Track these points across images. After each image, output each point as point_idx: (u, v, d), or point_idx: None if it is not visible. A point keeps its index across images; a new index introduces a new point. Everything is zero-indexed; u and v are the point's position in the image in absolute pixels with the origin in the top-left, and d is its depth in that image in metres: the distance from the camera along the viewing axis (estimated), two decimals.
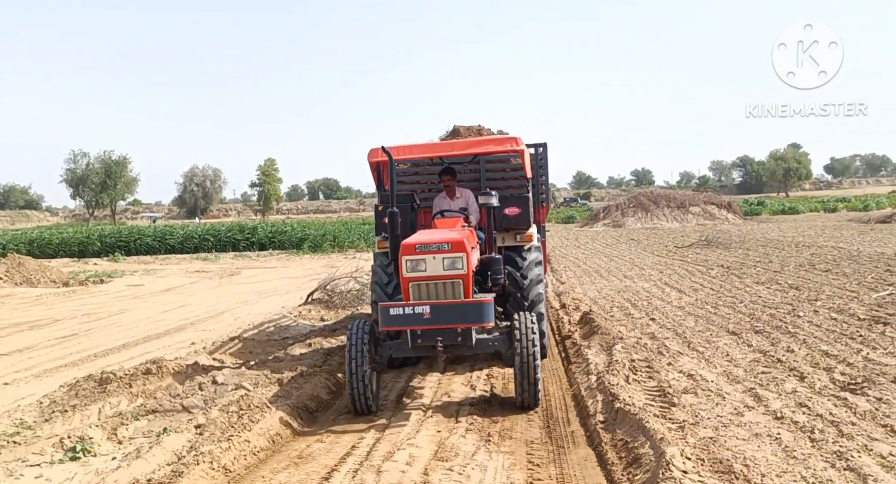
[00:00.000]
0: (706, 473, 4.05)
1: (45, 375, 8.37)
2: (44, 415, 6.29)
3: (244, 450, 4.91)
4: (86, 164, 80.00)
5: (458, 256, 6.04)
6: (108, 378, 6.76)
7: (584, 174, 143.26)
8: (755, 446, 4.56)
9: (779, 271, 14.67)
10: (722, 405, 5.52)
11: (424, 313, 5.87)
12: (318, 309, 12.77)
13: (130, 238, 29.15)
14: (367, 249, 28.77)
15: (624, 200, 43.78)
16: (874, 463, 4.23)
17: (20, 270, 19.88)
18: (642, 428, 4.73)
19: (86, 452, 5.29)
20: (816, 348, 7.30)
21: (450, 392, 6.77)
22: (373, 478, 4.48)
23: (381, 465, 4.68)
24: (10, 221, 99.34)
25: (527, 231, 7.70)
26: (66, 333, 11.56)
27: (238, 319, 12.50)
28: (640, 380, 6.25)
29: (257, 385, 6.60)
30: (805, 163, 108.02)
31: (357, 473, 4.58)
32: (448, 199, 7.87)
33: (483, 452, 4.93)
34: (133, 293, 17.59)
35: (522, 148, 7.56)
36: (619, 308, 10.85)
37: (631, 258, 20.24)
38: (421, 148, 7.90)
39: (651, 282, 14.19)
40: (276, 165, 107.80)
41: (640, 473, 4.19)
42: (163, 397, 6.38)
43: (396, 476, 4.45)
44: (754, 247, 21.64)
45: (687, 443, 4.49)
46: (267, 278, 20.55)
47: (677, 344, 7.89)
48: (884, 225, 30.68)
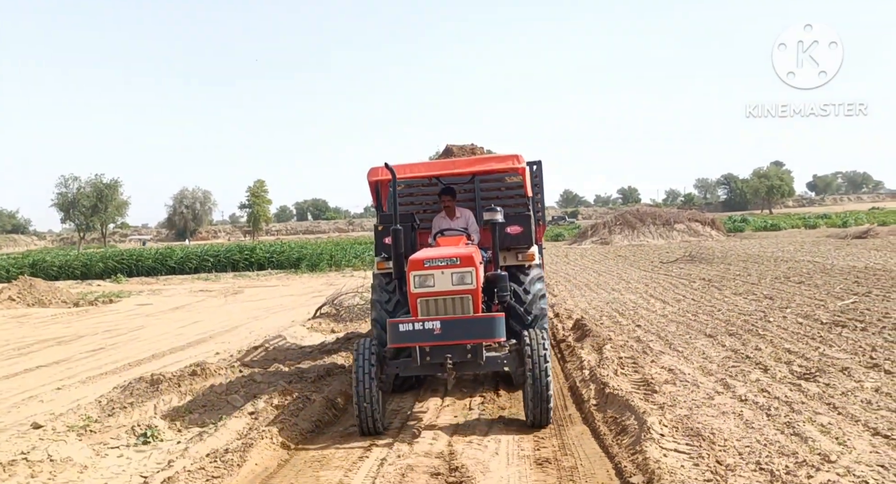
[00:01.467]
0: (679, 437, 5.02)
1: (90, 381, 9.22)
2: (105, 411, 7.14)
3: (294, 431, 5.83)
4: (77, 187, 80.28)
5: (468, 270, 6.02)
6: (159, 379, 7.64)
7: (571, 192, 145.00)
8: (721, 421, 5.53)
9: (756, 283, 15.72)
10: (696, 392, 6.49)
11: (435, 329, 5.81)
12: (327, 322, 13.65)
13: (132, 260, 29.99)
14: (363, 268, 29.62)
15: (611, 218, 45.01)
16: (815, 430, 5.20)
17: (31, 291, 20.62)
18: (628, 406, 5.70)
19: (154, 437, 6.18)
20: (781, 347, 8.31)
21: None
22: (407, 449, 5.41)
23: (411, 440, 5.62)
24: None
25: (528, 250, 7.53)
26: (94, 347, 12.38)
27: (252, 332, 13.35)
28: (626, 373, 7.22)
29: (291, 382, 7.51)
30: (788, 180, 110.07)
31: (393, 444, 5.52)
32: (448, 219, 7.83)
33: (495, 430, 5.87)
34: (144, 312, 18.37)
35: (524, 165, 7.47)
36: (608, 317, 11.83)
37: (618, 273, 21.27)
38: (422, 166, 7.83)
39: (637, 294, 15.20)
40: (265, 187, 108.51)
41: (627, 438, 5.15)
42: (210, 394, 7.27)
43: (426, 447, 5.39)
44: (735, 262, 22.73)
45: (665, 417, 5.46)
46: (270, 296, 21.38)
47: (660, 345, 8.88)
48: (859, 240, 31.92)
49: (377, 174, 7.39)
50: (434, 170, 7.69)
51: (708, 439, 4.95)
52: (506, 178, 8.94)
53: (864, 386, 6.33)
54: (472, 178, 8.58)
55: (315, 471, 5.21)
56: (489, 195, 8.98)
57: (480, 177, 8.54)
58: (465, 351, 5.91)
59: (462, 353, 5.90)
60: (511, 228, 7.38)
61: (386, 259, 7.35)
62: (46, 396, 8.37)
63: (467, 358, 5.93)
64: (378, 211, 8.22)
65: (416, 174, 7.67)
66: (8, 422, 7.23)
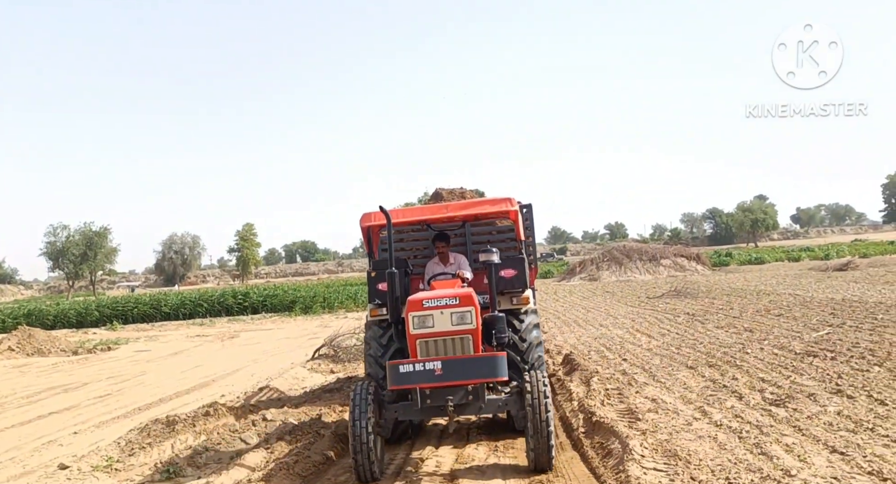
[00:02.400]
0: (658, 457, 5.58)
1: (104, 425, 9.65)
2: (125, 451, 7.59)
3: (308, 463, 6.33)
4: (66, 236, 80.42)
5: (467, 310, 6.01)
6: (174, 420, 8.11)
7: (559, 229, 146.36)
8: (697, 443, 6.08)
9: (738, 317, 16.37)
10: (676, 419, 7.05)
11: (436, 369, 5.71)
12: (326, 363, 14.12)
13: (127, 307, 30.37)
14: (356, 308, 30.16)
15: (598, 255, 45.89)
16: (780, 449, 5.78)
17: (30, 341, 20.95)
18: (614, 432, 6.26)
19: (177, 473, 6.66)
20: (755, 376, 8.91)
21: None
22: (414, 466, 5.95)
23: (418, 462, 6.15)
24: None
25: (523, 293, 7.39)
26: (101, 393, 12.78)
27: (254, 375, 13.79)
28: (612, 403, 7.78)
29: (300, 419, 8.00)
30: (771, 214, 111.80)
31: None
32: (441, 264, 7.82)
33: (493, 457, 6.41)
34: (143, 358, 18.73)
35: (516, 208, 7.44)
36: (596, 351, 12.41)
37: (606, 309, 21.90)
38: (415, 211, 7.80)
39: (624, 329, 15.80)
40: (253, 230, 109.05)
41: (611, 460, 5.71)
42: (224, 433, 7.76)
43: (432, 467, 5.92)
44: (719, 296, 23.44)
45: (646, 441, 6.03)
46: (266, 339, 21.80)
47: (644, 377, 9.45)
48: (840, 272, 32.80)
49: (370, 219, 7.31)
50: (427, 214, 7.64)
51: (684, 459, 5.51)
52: (496, 223, 9.01)
53: (827, 410, 6.93)
54: (463, 224, 8.61)
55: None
56: (480, 240, 9.04)
57: (471, 222, 8.53)
58: (466, 393, 5.86)
59: (463, 395, 5.85)
60: (505, 272, 7.17)
61: (379, 306, 7.16)
62: (65, 440, 8.80)
63: (468, 400, 5.89)
64: (370, 257, 8.06)
65: (409, 219, 7.62)
66: (33, 464, 7.67)
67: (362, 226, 7.52)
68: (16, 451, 8.41)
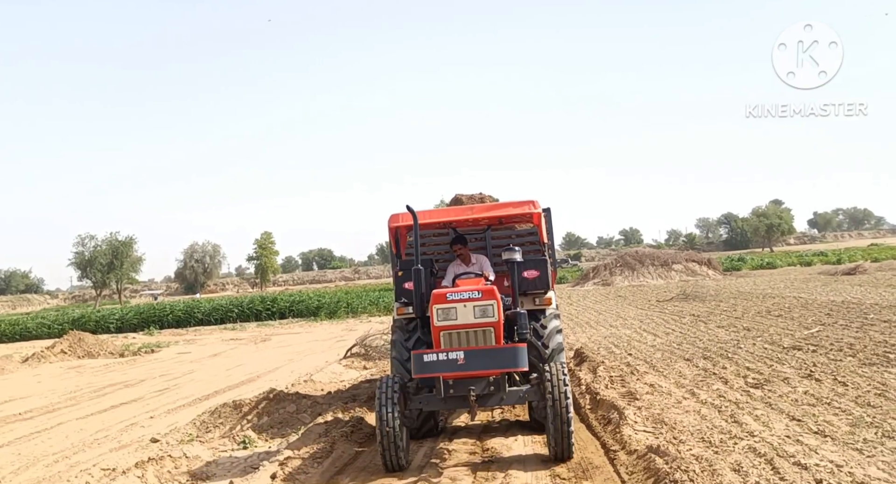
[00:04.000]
0: (649, 424, 6.89)
1: (173, 412, 11.07)
2: (201, 429, 8.99)
3: (361, 434, 7.71)
4: (94, 246, 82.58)
5: (489, 303, 6.27)
6: (240, 403, 9.51)
7: (573, 235, 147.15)
8: (683, 415, 7.37)
9: (739, 317, 17.54)
10: (668, 399, 8.33)
11: (458, 359, 5.97)
12: (359, 361, 15.49)
13: (164, 313, 32.16)
14: (378, 313, 31.57)
15: (612, 260, 47.08)
16: (750, 419, 7.05)
17: (80, 344, 22.52)
18: (614, 407, 7.58)
19: (250, 444, 8.05)
20: (743, 366, 10.16)
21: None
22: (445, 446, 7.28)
23: (448, 442, 7.49)
24: (12, 306, 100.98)
25: (545, 294, 7.62)
26: (159, 388, 14.23)
27: (293, 372, 15.17)
28: (615, 387, 9.08)
29: (346, 403, 9.40)
30: (787, 219, 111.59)
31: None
32: (463, 265, 8.01)
33: (517, 447, 7.75)
34: (187, 359, 20.21)
35: (540, 211, 7.65)
36: (605, 348, 13.69)
37: (617, 312, 23.11)
38: (441, 212, 8.12)
39: (632, 329, 17.04)
40: (272, 238, 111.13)
41: (611, 426, 7.02)
42: (284, 413, 9.15)
43: (455, 457, 7.22)
44: (726, 299, 24.52)
45: (640, 413, 7.33)
46: (297, 342, 23.22)
47: (645, 367, 10.73)
48: (847, 277, 33.71)
49: (398, 220, 7.61)
50: (453, 215, 7.96)
51: (669, 425, 6.81)
52: (516, 227, 9.22)
53: (796, 390, 8.19)
54: (486, 228, 8.85)
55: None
56: (500, 243, 9.16)
57: (493, 225, 8.76)
58: (487, 383, 6.12)
59: (485, 385, 6.10)
60: (527, 273, 7.41)
61: (406, 304, 7.46)
62: (144, 423, 10.22)
63: (490, 390, 6.14)
64: (397, 258, 8.33)
65: (436, 220, 7.90)
66: (126, 440, 9.08)
67: (390, 226, 7.85)
68: (105, 432, 9.83)
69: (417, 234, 7.00)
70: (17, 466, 8.13)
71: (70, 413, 11.72)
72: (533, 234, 8.71)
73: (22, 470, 7.93)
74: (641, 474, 5.50)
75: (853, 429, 6.31)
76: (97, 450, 8.62)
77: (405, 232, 8.21)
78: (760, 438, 6.24)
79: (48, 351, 21.50)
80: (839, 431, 6.27)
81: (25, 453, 8.77)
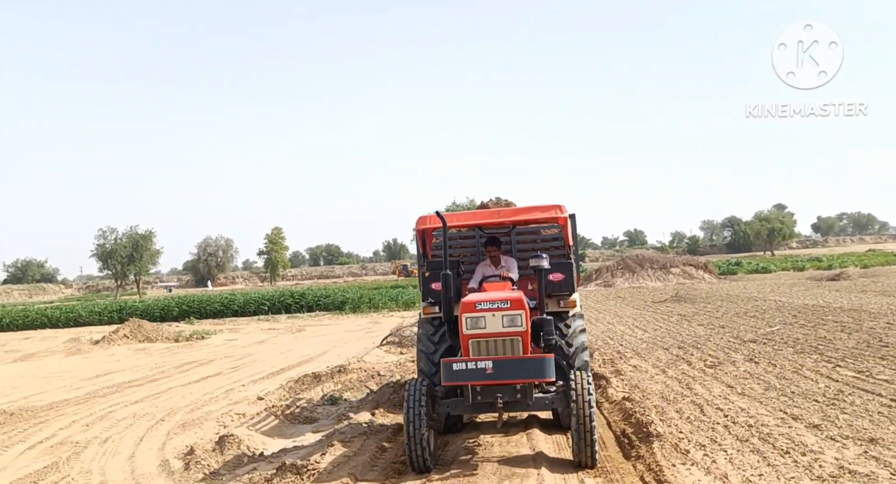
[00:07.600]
0: (626, 388, 9.78)
1: (257, 382, 13.91)
2: (290, 393, 11.87)
3: None
4: (114, 238, 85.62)
5: (518, 313, 6.44)
6: (318, 374, 12.42)
7: (578, 235, 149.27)
8: (652, 384, 10.22)
9: (719, 318, 20.31)
10: (644, 374, 11.19)
11: (487, 369, 6.14)
12: (395, 348, 18.36)
13: (202, 304, 35.29)
14: (399, 309, 34.46)
15: (613, 263, 49.89)
16: (699, 386, 9.89)
17: (140, 330, 25.50)
18: (603, 377, 10.48)
19: (334, 400, 10.93)
20: (707, 353, 13.01)
21: None
22: None
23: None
24: (28, 295, 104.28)
25: (570, 297, 7.88)
26: (231, 365, 17.11)
27: (340, 355, 18.00)
28: (606, 367, 11.96)
29: (402, 375, 12.29)
30: (789, 223, 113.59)
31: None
32: (493, 267, 8.20)
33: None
34: (237, 345, 23.09)
35: (566, 215, 7.80)
36: (601, 340, 16.56)
37: (615, 311, 25.95)
38: (469, 215, 8.51)
39: (626, 326, 19.90)
40: (282, 234, 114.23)
41: (600, 389, 9.92)
42: (355, 382, 12.04)
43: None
44: (713, 301, 27.22)
45: (622, 382, 10.23)
46: (330, 332, 26.08)
47: (631, 354, 13.59)
48: (831, 282, 36.28)
49: (426, 222, 7.89)
50: (480, 219, 8.20)
51: (641, 389, 9.70)
52: (541, 231, 9.56)
53: (739, 369, 11.04)
54: (509, 231, 9.11)
55: None
56: (525, 247, 9.36)
57: (517, 229, 9.08)
58: (515, 391, 6.31)
59: (512, 393, 6.29)
60: (553, 276, 7.62)
61: (433, 304, 7.77)
62: (240, 389, 13.10)
63: (517, 398, 6.34)
64: (423, 258, 8.69)
65: (464, 223, 8.33)
66: (234, 399, 11.97)
67: (418, 228, 8.17)
68: (211, 394, 12.70)
69: (446, 239, 7.40)
70: (163, 413, 11.01)
71: (170, 382, 14.59)
72: (558, 238, 9.17)
73: (168, 416, 10.80)
74: (618, 414, 8.41)
75: (765, 392, 9.17)
76: (218, 404, 11.49)
77: (431, 233, 8.68)
78: (701, 396, 9.12)
79: (114, 335, 24.49)
80: (754, 393, 9.14)
81: (161, 406, 11.65)
